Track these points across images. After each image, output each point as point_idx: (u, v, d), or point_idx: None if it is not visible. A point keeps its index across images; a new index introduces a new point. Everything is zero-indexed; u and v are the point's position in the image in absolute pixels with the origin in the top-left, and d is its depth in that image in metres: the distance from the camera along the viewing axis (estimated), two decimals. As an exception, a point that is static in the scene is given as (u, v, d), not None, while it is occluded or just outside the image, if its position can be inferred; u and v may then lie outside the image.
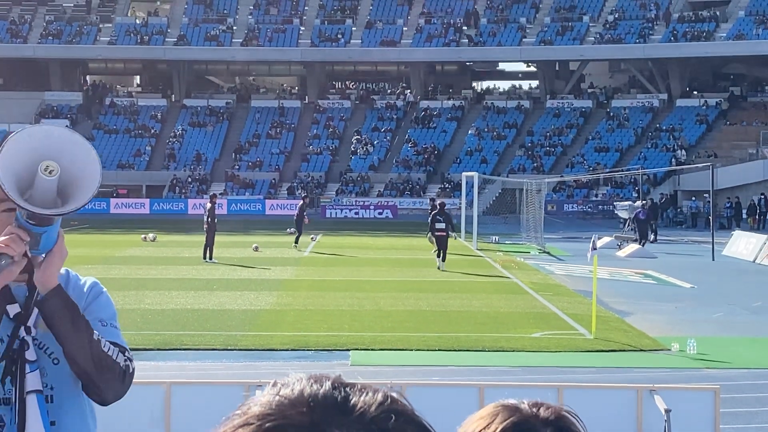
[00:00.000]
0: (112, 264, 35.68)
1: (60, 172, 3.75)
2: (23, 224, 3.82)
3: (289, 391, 1.61)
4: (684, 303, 27.39)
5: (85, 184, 3.79)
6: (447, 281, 31.72)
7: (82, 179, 3.79)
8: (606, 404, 11.78)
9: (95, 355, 3.95)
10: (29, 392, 3.98)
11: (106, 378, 3.98)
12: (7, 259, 3.79)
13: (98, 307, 4.16)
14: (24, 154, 3.74)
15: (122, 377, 4.03)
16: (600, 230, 48.60)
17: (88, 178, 3.80)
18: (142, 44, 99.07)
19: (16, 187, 3.69)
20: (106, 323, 4.13)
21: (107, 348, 3.99)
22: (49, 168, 3.74)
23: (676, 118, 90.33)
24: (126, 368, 4.05)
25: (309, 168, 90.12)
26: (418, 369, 17.77)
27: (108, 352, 3.99)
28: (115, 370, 4.00)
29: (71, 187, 3.79)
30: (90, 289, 4.22)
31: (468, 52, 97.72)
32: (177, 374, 16.33)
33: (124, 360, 4.05)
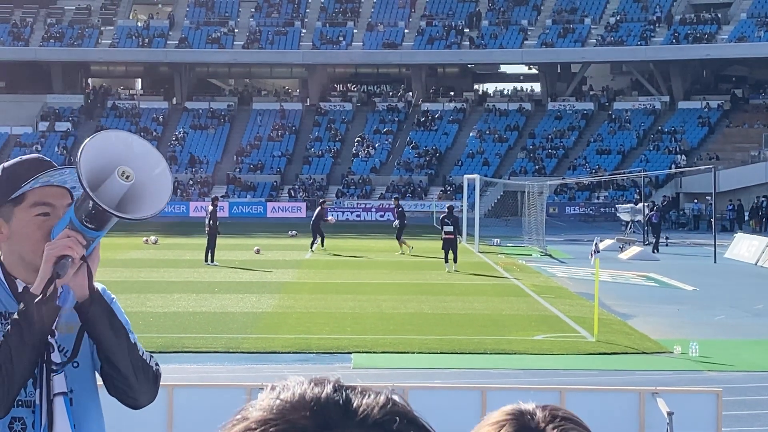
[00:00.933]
0: (114, 267, 35.65)
1: (135, 178, 3.77)
2: (78, 227, 3.82)
3: (290, 395, 1.58)
4: (686, 305, 27.37)
5: (154, 196, 3.80)
6: (448, 284, 31.70)
7: (149, 191, 3.80)
8: (608, 407, 11.77)
9: (134, 359, 3.98)
10: (56, 395, 3.99)
11: (142, 382, 4.02)
12: (68, 261, 3.79)
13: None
14: (102, 156, 3.76)
15: (155, 381, 4.08)
16: (602, 233, 48.63)
17: (158, 190, 3.81)
18: (144, 47, 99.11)
19: (88, 183, 3.70)
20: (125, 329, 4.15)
21: (142, 352, 4.02)
22: (126, 173, 3.75)
23: (678, 120, 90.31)
24: (157, 372, 4.10)
25: (310, 170, 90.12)
26: (420, 372, 17.75)
27: (143, 356, 4.03)
28: (149, 374, 4.04)
29: (134, 198, 3.79)
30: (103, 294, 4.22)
31: (469, 55, 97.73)
32: (179, 377, 16.31)
33: (155, 364, 4.11)
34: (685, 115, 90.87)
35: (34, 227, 4.00)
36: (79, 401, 4.07)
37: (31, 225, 4.02)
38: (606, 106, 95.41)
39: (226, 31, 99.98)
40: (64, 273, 3.78)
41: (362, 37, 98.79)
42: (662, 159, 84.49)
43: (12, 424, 4.03)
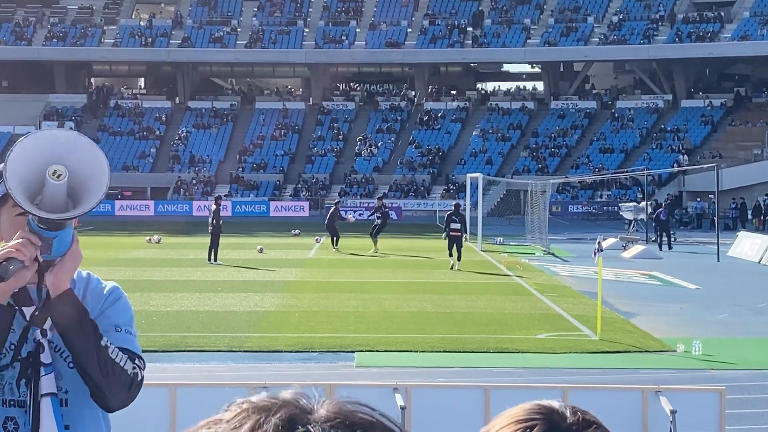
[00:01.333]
0: (117, 266, 35.69)
1: (68, 176, 3.73)
2: (35, 229, 3.81)
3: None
4: (689, 304, 27.36)
5: (94, 186, 3.77)
6: (451, 282, 31.70)
7: (90, 181, 3.78)
8: (611, 405, 11.76)
9: (101, 360, 3.93)
10: (44, 395, 3.98)
11: (111, 384, 3.96)
12: (18, 264, 3.79)
13: (115, 312, 4.15)
14: (31, 159, 3.73)
15: (128, 385, 4.01)
16: (605, 231, 48.62)
17: (97, 179, 3.78)
18: (147, 46, 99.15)
19: (24, 193, 3.68)
20: (121, 329, 4.11)
21: (115, 355, 3.97)
22: (57, 172, 3.73)
23: (681, 118, 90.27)
24: (134, 376, 4.02)
25: (313, 170, 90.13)
26: (423, 370, 17.75)
27: (115, 358, 3.97)
28: (122, 378, 3.98)
29: (81, 190, 3.77)
30: (109, 293, 4.22)
31: (472, 54, 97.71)
32: (182, 376, 16.32)
33: (133, 368, 4.03)
34: (688, 113, 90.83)
35: (16, 227, 4.00)
36: (74, 402, 4.06)
37: (13, 225, 4.03)
38: (609, 104, 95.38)
39: (228, 30, 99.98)
40: (6, 276, 3.78)
41: (365, 36, 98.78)
42: (665, 158, 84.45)
43: (6, 424, 4.03)
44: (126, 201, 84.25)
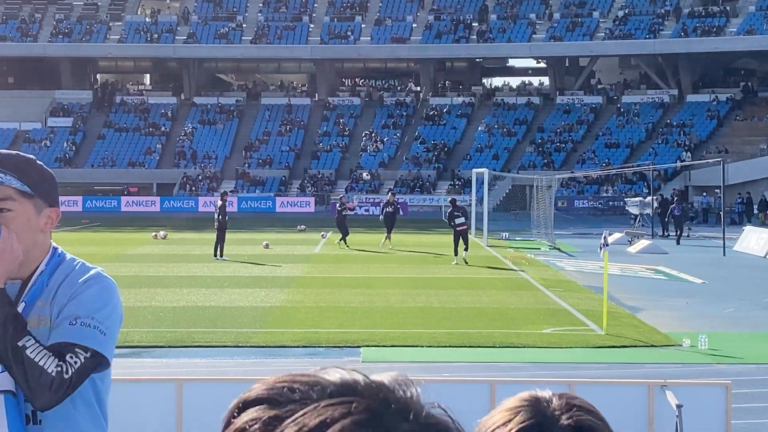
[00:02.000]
0: (123, 262, 35.73)
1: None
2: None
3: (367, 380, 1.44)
4: (695, 298, 27.35)
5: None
6: (457, 278, 31.71)
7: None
8: (617, 400, 11.77)
9: (18, 361, 3.86)
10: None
11: (32, 385, 3.86)
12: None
13: (79, 302, 4.03)
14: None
15: (49, 385, 3.87)
16: (611, 226, 48.58)
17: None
18: (152, 42, 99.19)
19: None
20: (77, 321, 3.98)
21: (35, 355, 3.86)
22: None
23: (687, 113, 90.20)
24: (57, 375, 3.88)
25: (319, 165, 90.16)
26: (429, 365, 17.77)
27: (34, 358, 3.86)
28: (41, 379, 3.86)
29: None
30: (83, 282, 4.10)
31: (478, 49, 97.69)
32: (188, 371, 16.35)
33: (56, 366, 3.89)
34: (694, 108, 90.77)
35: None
36: None
37: None
38: (614, 99, 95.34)
39: (234, 26, 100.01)
40: None
41: (370, 31, 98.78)
42: (671, 152, 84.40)
43: None
44: (132, 197, 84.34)
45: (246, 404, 1.45)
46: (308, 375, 1.46)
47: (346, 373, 1.46)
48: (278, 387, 1.45)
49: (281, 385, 1.45)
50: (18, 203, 4.02)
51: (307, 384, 1.44)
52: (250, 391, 1.45)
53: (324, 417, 1.37)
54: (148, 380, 12.32)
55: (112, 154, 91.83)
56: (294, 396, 1.42)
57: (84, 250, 38.17)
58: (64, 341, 3.94)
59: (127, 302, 19.70)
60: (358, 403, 1.40)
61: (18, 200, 4.02)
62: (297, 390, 1.43)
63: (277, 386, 1.45)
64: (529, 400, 1.85)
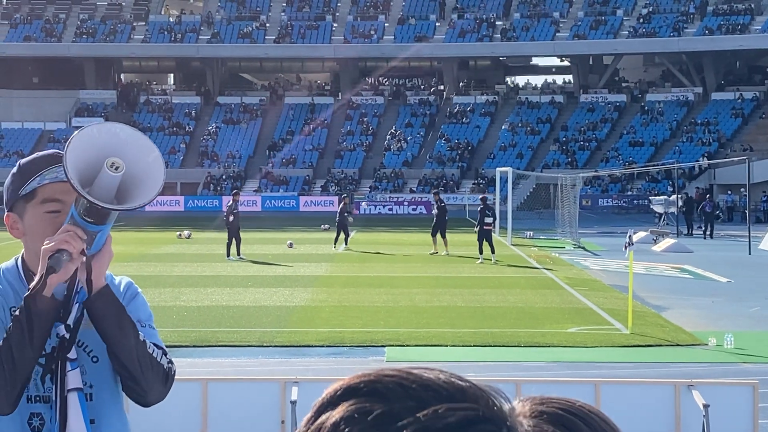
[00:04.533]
0: (148, 261, 35.81)
1: (124, 171, 3.74)
2: (79, 222, 3.80)
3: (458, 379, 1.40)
4: (721, 297, 27.23)
5: (148, 185, 3.77)
6: (481, 277, 31.66)
7: (144, 180, 3.78)
8: (643, 400, 11.72)
9: (141, 356, 3.93)
10: (70, 390, 3.97)
11: (150, 379, 3.95)
12: (67, 256, 3.77)
13: (135, 307, 4.11)
14: (89, 150, 3.73)
15: (165, 379, 4.01)
16: (635, 225, 48.45)
17: (151, 178, 3.78)
18: (176, 42, 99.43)
19: (78, 180, 3.68)
20: (144, 324, 4.09)
21: (152, 350, 3.97)
22: (115, 164, 3.73)
23: (712, 111, 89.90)
24: (169, 370, 4.03)
25: (342, 164, 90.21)
26: (454, 365, 17.72)
27: (153, 353, 3.96)
28: (159, 372, 3.98)
29: (131, 187, 3.77)
30: (126, 289, 4.19)
31: (501, 47, 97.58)
32: (213, 371, 16.36)
33: (168, 362, 4.03)
34: (719, 106, 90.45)
35: (45, 224, 3.98)
36: (98, 397, 4.06)
37: (42, 221, 4.00)
38: (639, 98, 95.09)
39: (257, 25, 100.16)
40: (58, 267, 3.74)
41: (393, 30, 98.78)
42: (695, 151, 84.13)
43: (31, 420, 4.03)
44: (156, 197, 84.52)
45: (347, 393, 1.35)
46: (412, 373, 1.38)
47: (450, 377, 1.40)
48: (386, 381, 1.35)
49: (389, 380, 1.35)
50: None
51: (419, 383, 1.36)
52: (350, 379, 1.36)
53: (447, 421, 1.31)
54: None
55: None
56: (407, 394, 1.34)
57: (108, 249, 38.23)
58: (149, 341, 4.02)
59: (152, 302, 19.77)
60: (474, 410, 1.34)
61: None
62: (410, 388, 1.35)
63: (385, 380, 1.35)
64: None
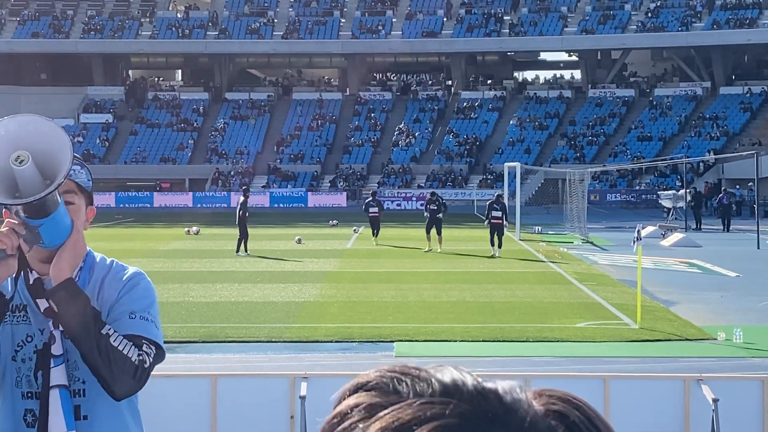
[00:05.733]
0: (156, 257, 35.83)
1: (32, 159, 3.71)
2: (21, 218, 3.82)
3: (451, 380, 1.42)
4: (729, 292, 27.19)
5: (60, 160, 3.73)
6: (490, 272, 31.64)
7: (56, 156, 3.74)
8: (653, 394, 11.71)
9: (102, 349, 3.90)
10: (53, 387, 3.97)
11: (114, 373, 3.92)
12: (2, 253, 3.79)
13: (131, 298, 4.11)
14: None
15: (132, 373, 3.95)
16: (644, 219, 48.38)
17: (60, 152, 3.74)
18: (184, 38, 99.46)
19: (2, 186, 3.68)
20: (135, 315, 4.07)
21: (118, 342, 3.93)
22: (19, 158, 3.70)
23: (720, 106, 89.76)
24: (140, 364, 3.97)
25: (351, 160, 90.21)
26: (463, 360, 17.71)
27: (118, 346, 3.92)
28: (125, 366, 3.93)
29: (51, 168, 3.73)
30: (128, 279, 4.19)
31: (509, 42, 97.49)
32: (222, 366, 16.37)
33: (138, 355, 3.97)
34: (727, 100, 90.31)
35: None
36: (92, 392, 4.05)
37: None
38: (647, 92, 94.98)
39: (265, 21, 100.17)
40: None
41: (401, 26, 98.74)
42: (704, 145, 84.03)
43: (25, 416, 4.06)
44: (164, 192, 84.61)
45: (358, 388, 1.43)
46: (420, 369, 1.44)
47: (459, 375, 1.43)
48: (389, 376, 1.42)
49: (392, 375, 1.42)
50: (77, 197, 4.14)
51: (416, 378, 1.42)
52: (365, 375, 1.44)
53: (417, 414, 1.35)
54: (183, 376, 12.34)
55: (144, 150, 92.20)
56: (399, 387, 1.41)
57: (117, 245, 38.32)
58: (132, 333, 4.02)
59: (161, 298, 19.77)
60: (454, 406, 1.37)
61: (78, 194, 4.15)
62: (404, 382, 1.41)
63: (388, 375, 1.42)
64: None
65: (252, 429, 11.43)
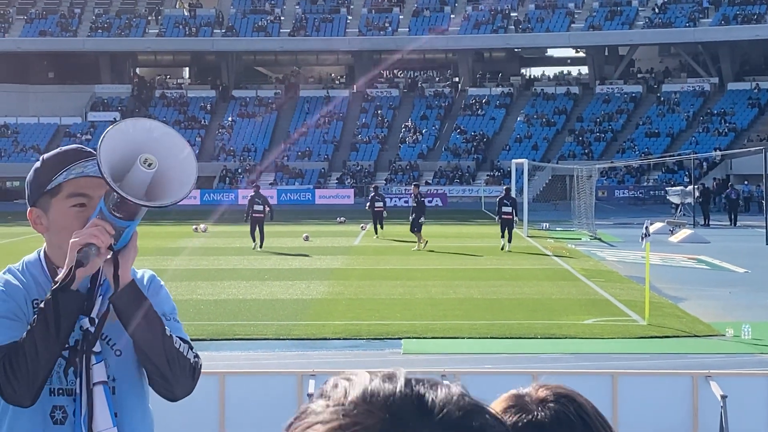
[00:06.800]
0: (164, 255, 35.84)
1: (157, 168, 3.74)
2: (108, 217, 3.80)
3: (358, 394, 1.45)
4: (738, 288, 27.16)
5: (180, 182, 3.77)
6: (498, 269, 31.63)
7: (175, 177, 3.77)
8: (661, 391, 11.70)
9: (168, 351, 3.92)
10: (96, 384, 3.97)
11: (177, 374, 3.95)
12: (95, 250, 3.77)
13: (160, 301, 4.12)
14: (123, 145, 3.73)
15: (192, 373, 4.01)
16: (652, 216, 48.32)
17: (183, 176, 3.78)
18: (191, 36, 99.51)
19: (111, 175, 3.68)
20: (169, 317, 4.09)
21: (178, 344, 3.97)
22: (148, 161, 3.72)
23: (728, 102, 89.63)
24: (195, 364, 4.03)
25: (358, 157, 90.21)
26: (470, 357, 17.72)
27: (179, 348, 3.96)
28: (186, 367, 3.98)
29: (162, 184, 3.77)
30: (150, 282, 4.20)
31: (516, 39, 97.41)
32: (230, 364, 16.37)
33: (194, 356, 4.03)
34: (735, 96, 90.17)
35: (71, 218, 3.98)
36: (121, 390, 4.05)
37: (68, 216, 4.00)
38: (654, 88, 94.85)
39: (272, 18, 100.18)
40: (86, 261, 3.75)
41: (408, 22, 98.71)
42: (712, 141, 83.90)
43: (53, 413, 4.02)
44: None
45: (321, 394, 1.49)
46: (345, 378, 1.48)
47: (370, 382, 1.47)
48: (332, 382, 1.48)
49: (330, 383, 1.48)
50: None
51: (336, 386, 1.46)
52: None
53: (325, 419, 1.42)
54: (190, 373, 12.32)
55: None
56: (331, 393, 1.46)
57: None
58: (175, 335, 4.02)
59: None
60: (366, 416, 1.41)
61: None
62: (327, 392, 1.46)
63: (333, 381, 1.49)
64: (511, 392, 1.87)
65: (260, 426, 11.43)
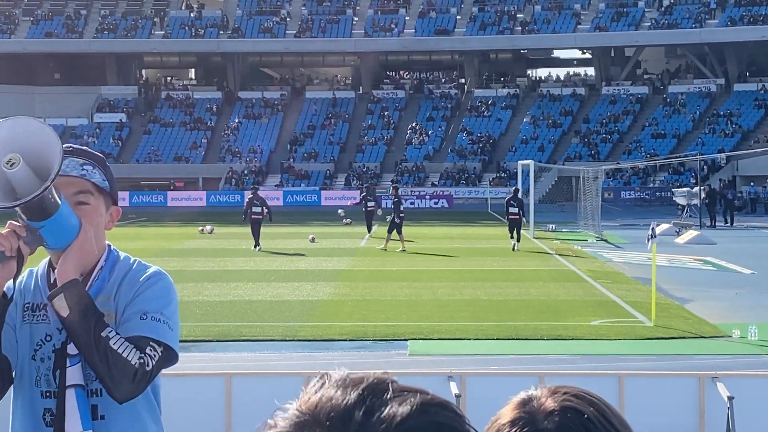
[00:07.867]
0: (170, 256, 35.86)
1: (23, 160, 3.69)
2: (23, 220, 3.82)
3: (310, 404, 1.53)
4: (744, 289, 27.13)
5: (49, 157, 3.70)
6: (504, 270, 31.62)
7: (45, 154, 3.71)
8: (668, 392, 11.69)
9: (101, 351, 3.88)
10: (69, 386, 3.98)
11: (113, 376, 3.90)
12: (1, 255, 3.78)
13: (145, 298, 4.10)
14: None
15: (132, 377, 3.92)
16: (658, 217, 48.28)
17: (49, 150, 3.72)
18: (197, 37, 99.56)
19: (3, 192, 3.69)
20: (147, 316, 4.05)
21: (118, 345, 3.91)
22: (10, 161, 3.69)
23: (734, 103, 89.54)
24: (140, 367, 3.94)
25: (364, 158, 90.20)
26: (477, 358, 17.71)
27: (117, 349, 3.90)
28: (124, 369, 3.91)
29: (45, 167, 3.71)
30: (145, 279, 4.17)
31: (522, 40, 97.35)
32: (236, 365, 16.37)
33: (139, 358, 3.94)
34: (741, 97, 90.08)
35: None
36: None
37: None
38: (661, 89, 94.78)
39: (278, 20, 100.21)
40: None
41: (414, 24, 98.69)
42: (718, 142, 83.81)
43: (44, 415, 4.07)
44: (178, 192, 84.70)
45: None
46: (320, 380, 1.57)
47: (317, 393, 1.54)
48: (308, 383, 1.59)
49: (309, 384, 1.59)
50: (94, 198, 4.13)
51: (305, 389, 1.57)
52: None
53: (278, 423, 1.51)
54: (197, 375, 12.35)
55: (157, 149, 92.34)
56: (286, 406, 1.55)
57: (131, 245, 38.35)
58: (138, 335, 4.01)
59: (175, 297, 19.77)
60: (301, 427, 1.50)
61: (94, 195, 4.13)
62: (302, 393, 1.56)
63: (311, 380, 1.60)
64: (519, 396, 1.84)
65: (266, 428, 11.42)
